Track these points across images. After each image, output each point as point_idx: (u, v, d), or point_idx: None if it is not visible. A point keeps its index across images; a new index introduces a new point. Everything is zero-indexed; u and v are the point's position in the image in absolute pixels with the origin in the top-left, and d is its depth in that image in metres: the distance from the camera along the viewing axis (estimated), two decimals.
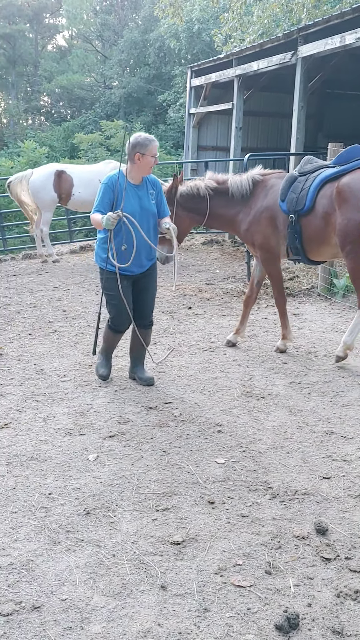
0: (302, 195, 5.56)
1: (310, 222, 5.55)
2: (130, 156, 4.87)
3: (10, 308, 8.02)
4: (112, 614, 2.57)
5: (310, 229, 5.56)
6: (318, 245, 5.64)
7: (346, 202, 5.30)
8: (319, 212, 5.49)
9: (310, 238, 5.60)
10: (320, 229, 5.52)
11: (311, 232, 5.57)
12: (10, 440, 4.20)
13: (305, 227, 5.57)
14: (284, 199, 5.68)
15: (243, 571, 2.85)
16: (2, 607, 2.59)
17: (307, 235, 5.60)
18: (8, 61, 44.51)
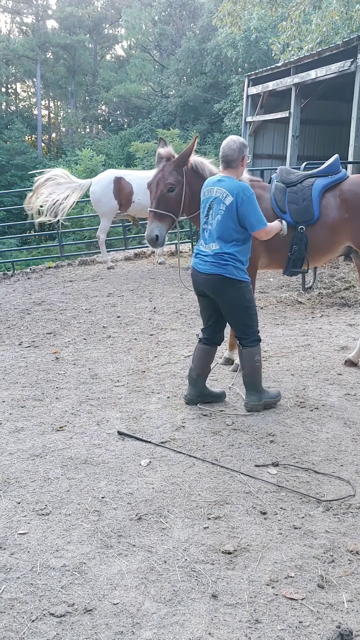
0: (305, 205, 5.42)
1: (317, 232, 5.43)
2: (239, 160, 4.69)
3: (67, 313, 8.16)
4: (163, 620, 2.57)
5: (318, 238, 5.43)
6: (323, 253, 5.58)
7: (355, 208, 5.32)
8: (325, 221, 5.43)
9: (317, 247, 5.47)
10: (327, 237, 5.43)
11: (318, 242, 5.45)
12: (65, 443, 4.26)
13: (312, 237, 5.43)
14: (285, 210, 5.42)
15: (295, 584, 2.81)
16: (55, 608, 2.63)
17: (314, 245, 5.45)
18: (68, 71, 45.51)
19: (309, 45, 17.32)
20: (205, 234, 4.75)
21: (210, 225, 4.69)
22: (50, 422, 4.65)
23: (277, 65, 15.18)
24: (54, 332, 7.23)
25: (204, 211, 4.74)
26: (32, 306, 8.69)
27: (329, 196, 5.46)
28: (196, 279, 4.79)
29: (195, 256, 4.81)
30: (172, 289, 9.51)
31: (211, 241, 4.69)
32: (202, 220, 4.77)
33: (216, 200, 4.64)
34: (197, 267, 4.75)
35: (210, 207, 4.69)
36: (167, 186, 5.09)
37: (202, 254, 4.75)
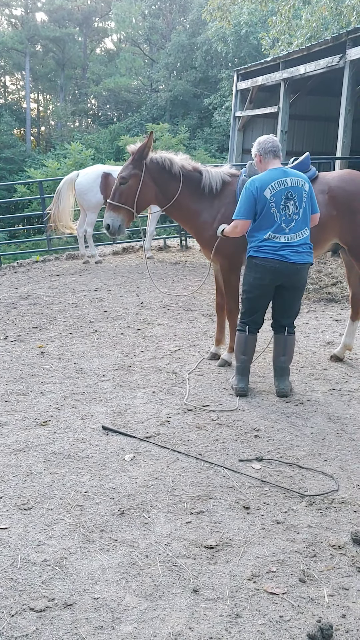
0: None
1: None
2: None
3: (53, 307, 8.13)
4: (144, 615, 2.57)
5: None
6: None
7: (344, 205, 5.33)
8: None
9: None
10: (313, 235, 5.31)
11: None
12: (48, 437, 4.24)
13: None
14: None
15: (277, 578, 2.81)
16: (35, 603, 2.61)
17: None
18: (57, 64, 45.23)
19: (299, 40, 17.32)
20: (291, 223, 4.79)
21: (297, 214, 4.80)
22: (34, 416, 4.62)
23: (266, 60, 15.15)
24: (40, 327, 7.20)
25: (280, 202, 4.75)
26: (19, 300, 8.64)
27: (316, 192, 5.37)
28: (284, 270, 4.79)
29: (281, 248, 4.77)
30: (160, 283, 9.49)
31: (299, 229, 4.82)
32: (282, 212, 4.75)
33: (295, 189, 4.79)
34: (288, 257, 4.78)
35: (290, 197, 4.77)
36: (120, 179, 5.33)
37: (292, 244, 4.79)
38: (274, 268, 4.78)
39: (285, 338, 5.05)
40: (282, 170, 4.86)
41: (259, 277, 4.84)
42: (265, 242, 4.79)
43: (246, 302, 5.00)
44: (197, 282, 9.56)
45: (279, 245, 4.78)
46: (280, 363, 5.07)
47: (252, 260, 4.88)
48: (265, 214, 4.77)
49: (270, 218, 4.77)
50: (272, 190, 4.75)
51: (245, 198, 4.80)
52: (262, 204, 4.76)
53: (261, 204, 4.76)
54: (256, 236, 4.85)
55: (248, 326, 5.02)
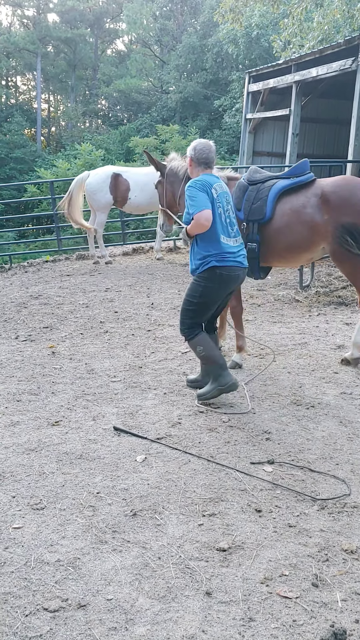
0: (259, 205, 5.61)
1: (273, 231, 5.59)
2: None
3: (64, 307, 8.15)
4: (157, 617, 2.57)
5: (290, 238, 5.55)
6: (301, 252, 5.65)
7: (336, 210, 5.37)
8: (298, 221, 5.50)
9: (292, 246, 5.60)
10: (304, 237, 5.51)
11: (294, 241, 5.56)
12: (60, 437, 4.25)
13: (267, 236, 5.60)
14: (240, 207, 5.67)
15: (289, 582, 2.81)
16: (49, 603, 2.62)
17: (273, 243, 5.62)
18: (68, 65, 45.35)
19: (310, 43, 17.27)
20: (233, 227, 4.83)
21: (233, 219, 4.87)
22: (46, 416, 4.63)
23: (278, 62, 15.15)
24: (51, 327, 7.22)
25: (223, 205, 4.76)
26: (29, 300, 8.67)
27: (309, 196, 5.51)
28: (242, 276, 4.85)
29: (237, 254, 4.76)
30: (170, 285, 9.49)
31: (237, 234, 4.87)
32: (226, 214, 4.77)
33: (227, 195, 4.86)
34: (244, 263, 4.81)
35: (228, 201, 4.84)
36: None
37: (237, 249, 4.81)
38: (237, 275, 4.76)
39: (215, 336, 5.19)
40: (215, 176, 4.90)
41: (224, 288, 4.77)
42: (225, 249, 4.70)
43: (200, 312, 4.87)
44: None
45: (235, 250, 4.75)
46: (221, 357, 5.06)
47: (215, 271, 4.69)
48: (217, 215, 4.69)
49: (219, 221, 4.70)
50: (216, 192, 4.73)
51: (195, 193, 4.64)
52: (212, 203, 4.67)
53: (211, 203, 4.67)
54: (214, 245, 4.69)
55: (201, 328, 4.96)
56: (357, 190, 5.42)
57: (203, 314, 4.91)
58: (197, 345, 4.86)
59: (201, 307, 4.85)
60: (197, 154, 4.87)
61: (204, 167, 4.87)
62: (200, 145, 4.89)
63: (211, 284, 4.75)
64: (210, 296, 4.81)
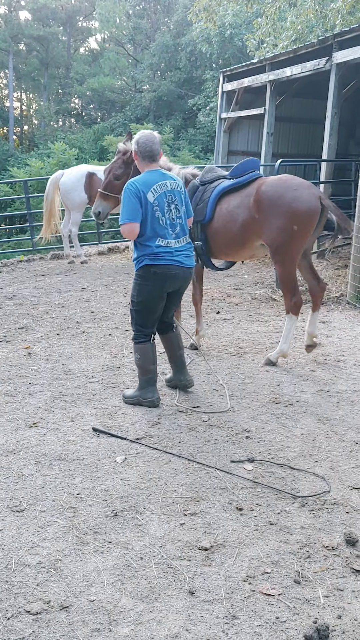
0: (201, 207, 5.91)
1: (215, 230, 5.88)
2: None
3: (39, 308, 8.08)
4: (140, 617, 2.56)
5: (218, 236, 5.87)
6: (233, 249, 5.94)
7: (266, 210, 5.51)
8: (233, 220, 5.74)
9: (222, 243, 5.91)
10: (237, 235, 5.76)
11: (220, 239, 5.88)
12: (38, 439, 4.22)
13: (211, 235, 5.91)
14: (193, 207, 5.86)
15: (272, 579, 2.82)
16: (31, 605, 2.60)
17: (216, 242, 5.93)
18: (41, 63, 45.00)
19: (284, 42, 17.38)
20: (176, 228, 4.74)
21: (180, 218, 4.77)
22: (23, 418, 4.59)
23: (252, 61, 15.18)
24: (26, 327, 7.15)
25: (163, 206, 4.66)
26: (4, 300, 8.58)
27: (244, 196, 5.71)
28: (181, 275, 4.76)
29: (175, 254, 4.70)
30: None
31: (183, 234, 4.80)
32: (166, 216, 4.67)
33: (175, 192, 4.76)
34: (184, 262, 4.74)
35: (171, 200, 4.71)
36: (114, 175, 5.90)
37: (182, 249, 4.75)
38: (174, 274, 4.70)
39: (176, 334, 5.12)
40: (160, 172, 4.78)
41: (160, 286, 4.71)
42: (161, 248, 4.66)
43: (145, 314, 4.83)
44: None
45: (173, 250, 4.71)
46: (180, 357, 5.11)
47: (149, 270, 4.66)
48: (152, 219, 4.63)
49: (156, 223, 4.64)
50: (155, 194, 4.64)
51: (128, 200, 4.60)
52: (146, 208, 4.60)
53: (145, 208, 4.60)
54: (148, 244, 4.66)
55: (152, 337, 4.90)
56: (288, 191, 5.50)
57: (147, 315, 4.83)
58: (137, 353, 4.88)
59: (142, 306, 4.80)
60: (140, 148, 4.75)
61: (148, 160, 4.77)
62: (143, 138, 4.77)
63: (145, 282, 4.72)
64: (148, 295, 4.74)
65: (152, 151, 4.74)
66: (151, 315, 4.83)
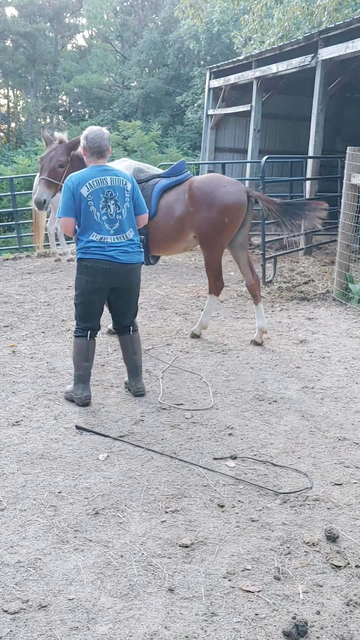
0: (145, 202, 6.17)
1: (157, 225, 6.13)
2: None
3: (24, 306, 8.04)
4: (119, 615, 2.55)
5: (159, 230, 6.15)
6: (171, 242, 6.27)
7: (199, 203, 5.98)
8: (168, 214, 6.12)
9: (161, 237, 6.20)
10: (175, 228, 6.12)
11: (160, 233, 6.16)
12: (21, 437, 4.20)
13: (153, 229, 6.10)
14: None
15: (252, 576, 2.82)
16: (9, 605, 2.58)
17: (156, 236, 6.18)
18: (28, 60, 44.74)
19: (271, 39, 17.40)
20: (114, 224, 4.68)
21: (120, 214, 4.71)
22: (6, 416, 4.57)
23: (239, 58, 15.19)
24: (11, 325, 7.11)
25: (99, 201, 4.62)
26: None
27: (179, 192, 6.12)
28: (115, 271, 4.66)
29: (107, 249, 4.64)
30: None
31: (123, 230, 4.73)
32: (102, 212, 4.64)
33: (116, 188, 4.71)
34: (118, 258, 4.65)
35: (110, 196, 4.67)
36: (58, 162, 5.89)
37: (118, 245, 4.69)
38: (105, 269, 4.64)
39: (131, 337, 5.01)
40: (102, 168, 4.75)
41: (91, 280, 4.68)
42: (92, 243, 4.64)
43: (81, 307, 4.80)
44: (169, 281, 9.56)
45: (105, 245, 4.66)
46: (135, 362, 5.02)
47: (81, 262, 4.68)
48: (85, 212, 4.61)
49: (90, 218, 4.63)
50: (90, 188, 4.62)
51: (63, 194, 4.66)
52: (79, 202, 4.60)
53: (78, 202, 4.61)
54: (81, 238, 4.67)
55: (89, 332, 4.84)
56: (219, 187, 6.03)
57: (84, 309, 4.80)
58: (73, 347, 4.89)
59: (80, 300, 4.78)
60: (89, 143, 4.74)
61: (96, 156, 4.75)
62: (92, 134, 4.76)
63: (79, 276, 4.75)
64: (83, 288, 4.73)
65: (100, 147, 4.74)
66: (88, 309, 4.79)
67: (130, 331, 4.99)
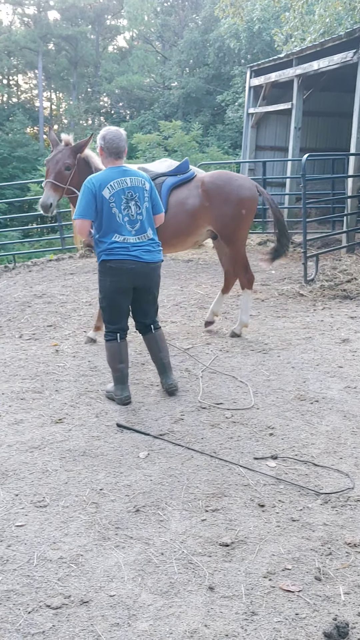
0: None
1: (174, 221, 6.11)
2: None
3: (67, 306, 8.15)
4: (160, 612, 2.57)
5: (177, 226, 6.16)
6: (186, 236, 6.33)
7: (216, 198, 6.09)
8: (183, 211, 6.16)
9: (179, 233, 6.22)
10: (187, 224, 6.19)
11: (172, 229, 6.08)
12: (64, 435, 4.26)
13: (167, 226, 5.88)
14: None
15: (292, 576, 2.81)
16: (52, 600, 2.63)
17: (174, 232, 6.14)
18: (70, 63, 45.31)
19: (312, 36, 17.22)
20: (135, 224, 4.70)
21: (141, 215, 4.73)
22: (49, 414, 4.64)
23: (279, 56, 15.08)
24: (54, 325, 7.22)
25: (120, 203, 4.63)
26: (33, 299, 8.68)
27: (191, 188, 6.20)
28: (140, 270, 4.69)
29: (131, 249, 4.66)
30: (172, 281, 9.50)
31: (144, 230, 4.75)
32: (124, 213, 4.65)
33: (136, 189, 4.72)
34: (142, 257, 4.68)
35: (131, 197, 4.68)
36: (64, 165, 5.78)
37: (140, 245, 4.71)
38: (130, 269, 4.65)
39: (155, 335, 5.03)
40: (122, 169, 4.74)
41: (116, 280, 4.68)
42: (116, 244, 4.64)
43: (108, 309, 4.84)
44: (209, 280, 9.56)
45: (129, 245, 4.67)
46: (162, 359, 5.03)
47: (105, 264, 4.68)
48: (107, 214, 4.62)
49: (113, 219, 4.63)
50: (112, 190, 4.62)
51: (83, 196, 4.64)
52: (102, 204, 4.60)
53: (100, 204, 4.61)
54: (104, 240, 4.68)
55: (118, 334, 4.87)
56: (232, 181, 6.20)
57: (111, 311, 4.83)
58: (106, 351, 4.94)
59: (106, 302, 4.81)
60: (107, 144, 4.74)
61: (114, 157, 4.76)
62: (110, 135, 4.76)
63: (103, 277, 4.75)
64: (108, 290, 4.75)
65: (118, 148, 4.75)
66: (115, 311, 4.83)
67: (153, 329, 5.03)
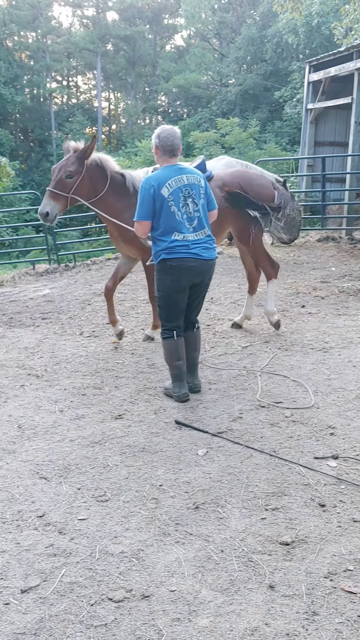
0: None
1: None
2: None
3: (125, 304, 8.24)
4: (220, 609, 2.58)
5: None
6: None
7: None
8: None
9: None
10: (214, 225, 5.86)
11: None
12: (123, 430, 4.32)
13: None
14: None
15: (354, 577, 2.77)
16: (114, 593, 2.67)
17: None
18: (128, 62, 45.73)
19: None
20: (193, 221, 4.71)
21: (198, 212, 4.73)
22: (109, 410, 4.71)
23: (339, 50, 14.82)
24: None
25: (179, 201, 4.64)
26: (93, 297, 8.81)
27: (213, 188, 5.74)
28: (200, 268, 4.71)
29: (192, 247, 4.67)
30: (230, 279, 9.47)
31: (202, 227, 4.77)
32: (182, 211, 4.65)
33: (193, 186, 4.72)
34: (202, 255, 4.70)
35: (188, 194, 4.68)
36: (66, 173, 5.69)
37: (199, 242, 4.72)
38: (191, 267, 4.64)
39: (194, 334, 5.04)
40: (177, 167, 4.72)
41: (176, 279, 4.67)
42: (176, 242, 4.62)
43: (167, 307, 4.83)
44: None
45: (189, 243, 4.65)
46: (194, 359, 5.04)
47: (166, 263, 4.67)
48: (166, 213, 4.62)
49: (172, 218, 4.62)
50: (170, 189, 4.60)
51: (143, 198, 4.64)
52: (161, 203, 4.60)
53: (160, 203, 4.61)
54: (163, 239, 4.66)
55: (175, 331, 4.84)
56: (253, 180, 6.23)
57: (169, 309, 4.83)
58: (163, 348, 4.97)
59: (164, 301, 4.82)
60: (162, 142, 4.74)
61: (169, 155, 4.76)
62: (164, 133, 4.76)
63: (164, 276, 4.74)
64: (168, 289, 4.74)
65: (173, 146, 4.75)
66: (173, 308, 4.83)
67: (194, 328, 5.06)
